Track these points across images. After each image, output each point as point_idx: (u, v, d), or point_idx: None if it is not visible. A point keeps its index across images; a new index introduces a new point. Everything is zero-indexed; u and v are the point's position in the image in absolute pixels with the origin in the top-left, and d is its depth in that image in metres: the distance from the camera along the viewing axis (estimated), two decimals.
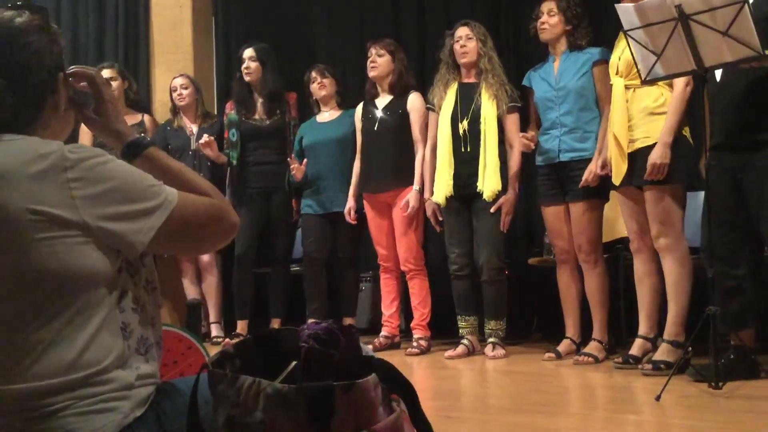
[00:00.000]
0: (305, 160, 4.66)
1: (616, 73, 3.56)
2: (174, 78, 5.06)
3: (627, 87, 3.48)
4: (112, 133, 1.40)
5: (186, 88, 5.01)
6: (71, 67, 1.39)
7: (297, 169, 4.62)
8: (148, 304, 1.32)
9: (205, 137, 4.72)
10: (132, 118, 5.04)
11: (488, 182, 4.04)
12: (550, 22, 3.91)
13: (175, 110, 5.06)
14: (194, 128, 5.02)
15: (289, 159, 4.68)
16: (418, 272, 4.41)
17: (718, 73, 3.07)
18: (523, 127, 4.16)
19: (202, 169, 4.93)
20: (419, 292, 4.40)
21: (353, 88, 4.94)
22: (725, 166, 3.06)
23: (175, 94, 5.01)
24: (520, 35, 4.93)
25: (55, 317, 1.19)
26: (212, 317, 5.01)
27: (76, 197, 1.19)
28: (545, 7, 3.94)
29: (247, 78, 4.85)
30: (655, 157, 3.31)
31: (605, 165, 3.61)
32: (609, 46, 3.73)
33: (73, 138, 1.56)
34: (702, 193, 3.31)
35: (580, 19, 3.91)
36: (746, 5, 2.68)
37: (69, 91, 1.37)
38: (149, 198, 1.25)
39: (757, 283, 3.13)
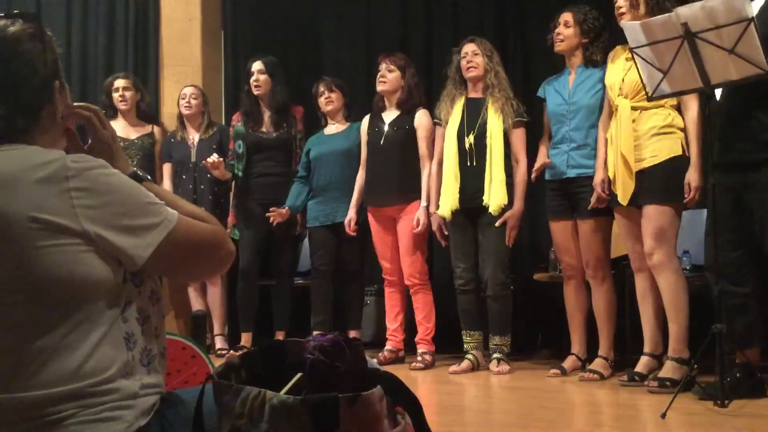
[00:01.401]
0: (286, 207, 4.67)
1: (620, 94, 3.56)
2: (184, 87, 5.11)
3: (634, 108, 3.49)
4: None
5: (195, 98, 5.05)
6: (74, 104, 1.39)
7: (278, 213, 4.62)
8: (152, 315, 1.32)
9: (214, 157, 4.67)
10: (142, 129, 5.13)
11: (494, 196, 4.04)
12: (564, 33, 3.91)
13: (182, 119, 5.10)
14: (195, 138, 5.05)
15: (270, 210, 4.64)
16: (423, 286, 4.41)
17: (718, 92, 3.07)
18: (532, 141, 4.17)
19: (202, 182, 4.97)
20: (423, 306, 4.40)
21: (360, 103, 4.95)
22: (727, 185, 3.05)
23: (182, 102, 5.05)
24: (528, 50, 4.95)
25: (58, 326, 1.19)
26: (216, 329, 5.00)
27: (77, 206, 1.19)
28: (562, 18, 3.93)
29: (256, 91, 4.87)
30: (696, 180, 3.32)
31: (604, 184, 3.60)
32: None
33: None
34: (705, 211, 3.31)
35: (598, 33, 3.88)
36: (752, 23, 2.69)
37: (68, 104, 1.37)
38: (150, 214, 1.25)
39: (763, 302, 3.12)
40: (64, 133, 1.38)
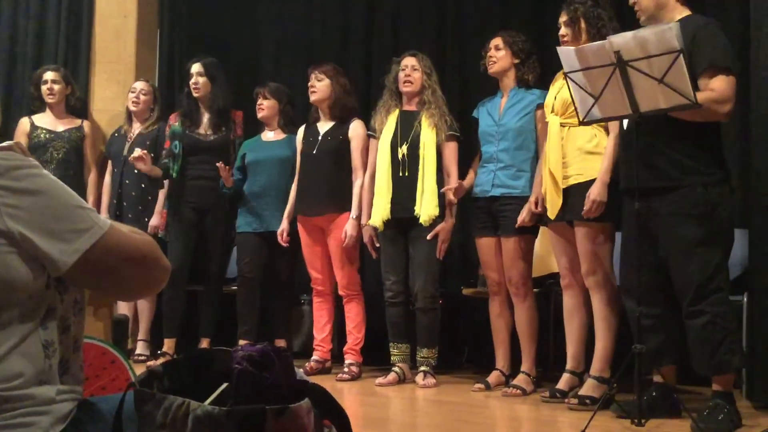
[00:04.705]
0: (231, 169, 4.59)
1: (552, 111, 3.65)
2: (136, 81, 5.06)
3: (562, 125, 3.58)
4: None
5: (145, 95, 5.00)
6: None
7: (226, 172, 4.51)
8: (73, 325, 1.27)
9: (137, 151, 4.58)
10: (71, 123, 5.06)
11: (425, 207, 4.07)
12: (497, 55, 4.00)
13: (129, 114, 5.02)
14: (135, 132, 4.96)
15: (218, 164, 4.51)
16: (356, 296, 4.40)
17: (626, 121, 3.16)
18: (465, 159, 4.22)
19: (128, 177, 4.88)
20: (355, 316, 4.39)
21: (299, 111, 4.91)
22: (634, 210, 3.14)
23: (131, 96, 4.99)
24: (465, 64, 5.00)
25: None
26: (141, 334, 4.88)
27: (2, 204, 1.14)
28: (492, 43, 4.03)
29: (195, 93, 4.78)
30: (594, 194, 3.39)
31: (539, 202, 3.68)
32: None
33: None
34: (620, 234, 3.41)
35: (528, 54, 4.00)
36: (681, 55, 2.79)
37: None
38: (79, 219, 1.19)
39: (674, 322, 3.20)
40: None
